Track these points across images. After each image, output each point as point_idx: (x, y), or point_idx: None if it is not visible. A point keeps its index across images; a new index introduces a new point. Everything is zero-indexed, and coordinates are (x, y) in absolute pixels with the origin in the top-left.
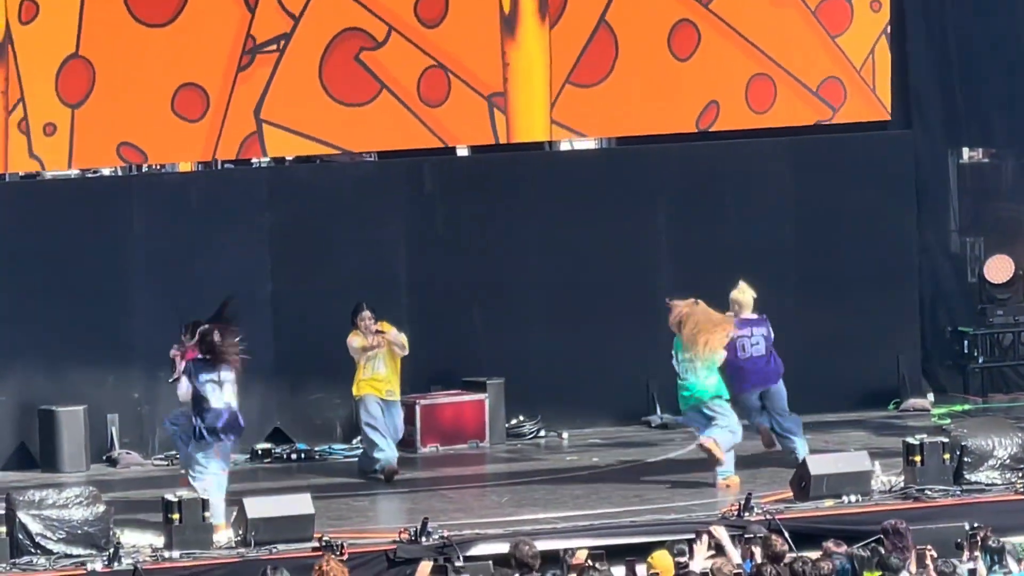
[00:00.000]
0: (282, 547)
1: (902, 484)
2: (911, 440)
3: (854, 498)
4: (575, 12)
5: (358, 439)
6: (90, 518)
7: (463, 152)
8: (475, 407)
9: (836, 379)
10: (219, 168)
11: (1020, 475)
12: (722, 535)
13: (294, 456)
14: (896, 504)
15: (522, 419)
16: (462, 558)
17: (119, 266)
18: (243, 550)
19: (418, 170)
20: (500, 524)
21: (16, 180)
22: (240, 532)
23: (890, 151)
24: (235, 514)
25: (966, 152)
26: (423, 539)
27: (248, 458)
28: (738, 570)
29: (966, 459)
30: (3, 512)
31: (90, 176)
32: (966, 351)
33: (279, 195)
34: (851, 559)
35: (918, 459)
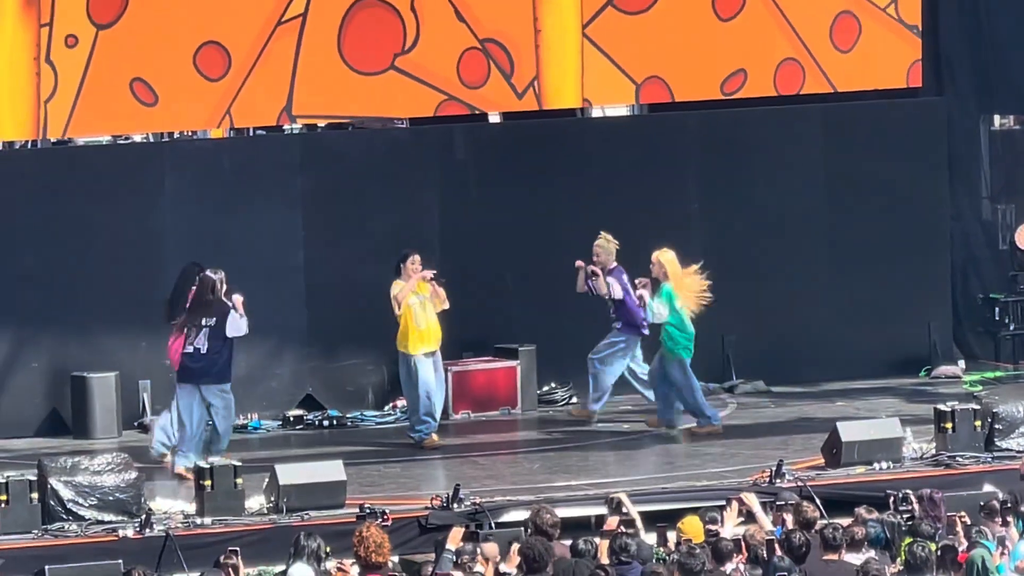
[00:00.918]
0: (314, 514)
1: (933, 451)
2: (942, 407)
3: (885, 465)
4: None
5: (390, 405)
6: (122, 484)
7: (495, 119)
8: (507, 374)
9: (867, 346)
10: (251, 134)
11: None
12: (753, 502)
13: (326, 423)
14: (927, 471)
15: (554, 386)
16: (493, 525)
17: (151, 232)
18: (275, 516)
19: (450, 136)
20: (532, 491)
21: (48, 147)
22: (272, 499)
23: (922, 118)
24: (267, 481)
25: (997, 119)
26: (455, 506)
27: (280, 425)
28: (769, 536)
29: (997, 426)
30: (35, 478)
31: (122, 143)
32: (997, 318)
33: (311, 161)
34: (883, 525)
35: (949, 426)
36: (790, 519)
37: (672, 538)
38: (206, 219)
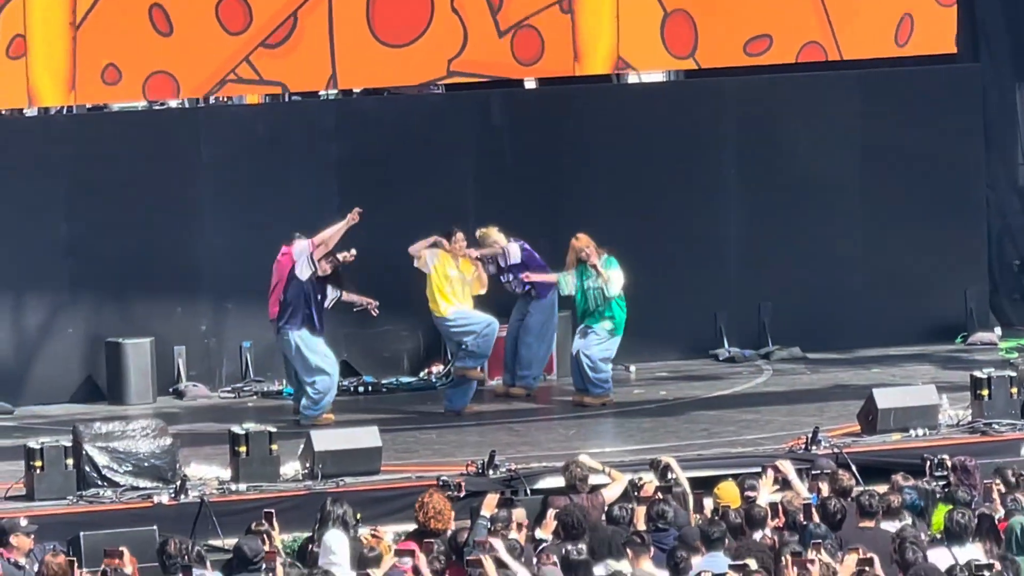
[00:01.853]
0: (349, 480)
1: (969, 418)
2: (978, 374)
3: (921, 432)
4: None
5: (425, 371)
6: (157, 451)
7: (530, 85)
8: None
9: (903, 313)
10: (286, 100)
11: None
12: (788, 469)
13: (361, 389)
14: (963, 438)
15: None
16: (529, 491)
17: (186, 198)
18: (310, 483)
19: (486, 102)
20: (567, 457)
21: (84, 112)
22: (307, 465)
23: (957, 85)
24: (302, 447)
25: None
26: (490, 472)
27: None
28: (806, 502)
29: None
30: (70, 445)
31: (158, 108)
32: None
33: (346, 127)
34: (918, 492)
35: (985, 393)
36: (825, 487)
37: (708, 505)
38: (241, 184)
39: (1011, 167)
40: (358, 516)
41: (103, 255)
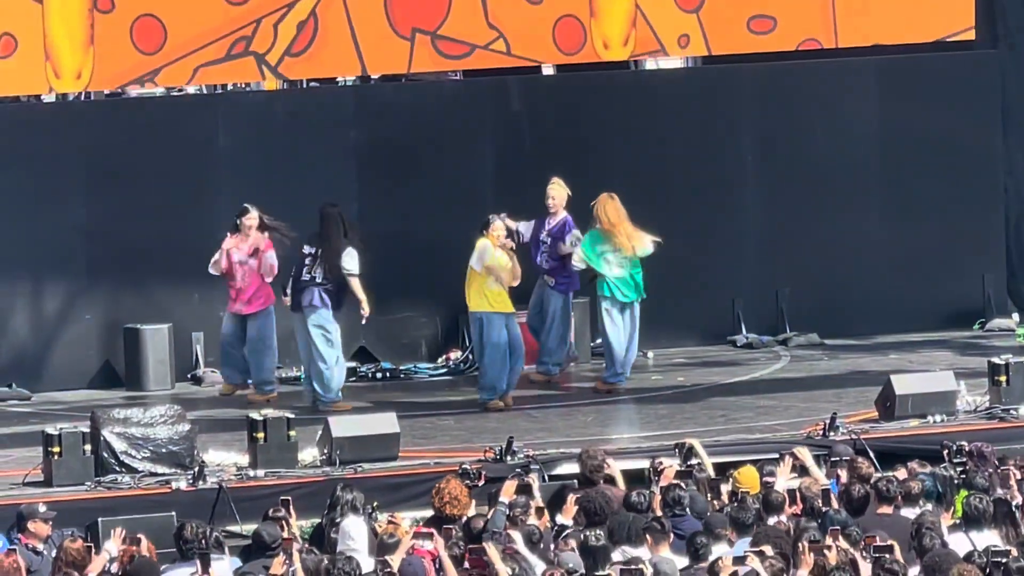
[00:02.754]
0: (367, 466)
1: (987, 404)
2: (996, 360)
3: (939, 418)
4: None
5: (443, 358)
6: (175, 436)
7: (548, 71)
8: None
9: (921, 299)
10: (304, 86)
11: None
12: (806, 456)
13: (379, 375)
14: (981, 424)
15: None
16: (547, 477)
17: (204, 184)
18: (328, 469)
19: (504, 88)
20: (585, 444)
21: (102, 98)
22: (325, 451)
23: (976, 71)
24: (320, 433)
25: None
26: (508, 458)
27: None
28: (825, 488)
29: None
30: (88, 430)
31: (175, 94)
32: None
33: (364, 113)
34: (935, 479)
35: (1003, 379)
36: (844, 474)
37: (725, 490)
38: (259, 170)
39: None
40: (374, 504)
41: (121, 241)
